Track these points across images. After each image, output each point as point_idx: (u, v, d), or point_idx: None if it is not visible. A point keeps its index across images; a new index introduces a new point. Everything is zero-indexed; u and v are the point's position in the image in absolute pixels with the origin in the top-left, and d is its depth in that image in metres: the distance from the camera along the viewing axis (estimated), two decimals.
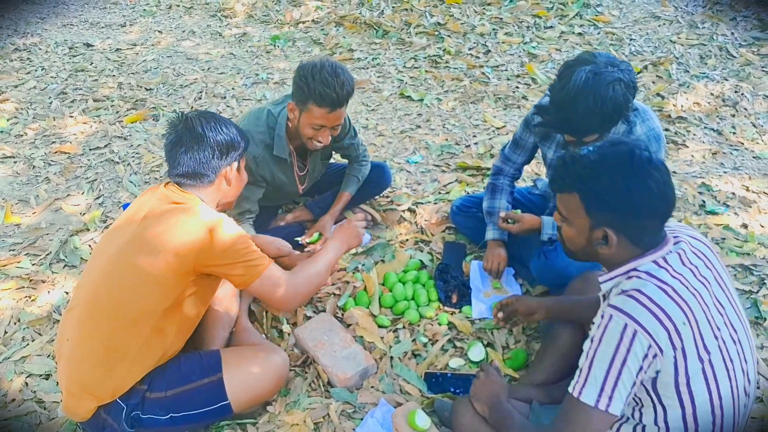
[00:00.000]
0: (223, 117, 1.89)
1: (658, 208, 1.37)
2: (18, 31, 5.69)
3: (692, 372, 1.32)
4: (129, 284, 1.69)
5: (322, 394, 2.04)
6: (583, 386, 1.34)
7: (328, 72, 2.13)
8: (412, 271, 2.53)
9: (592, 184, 1.39)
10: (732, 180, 3.01)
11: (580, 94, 1.79)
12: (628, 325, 1.29)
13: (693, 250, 1.44)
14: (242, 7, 5.87)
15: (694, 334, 1.32)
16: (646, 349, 1.29)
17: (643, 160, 1.35)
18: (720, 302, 1.41)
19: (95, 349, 1.69)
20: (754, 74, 3.96)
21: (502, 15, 5.06)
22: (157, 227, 1.70)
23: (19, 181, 3.39)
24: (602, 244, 1.42)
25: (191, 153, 1.77)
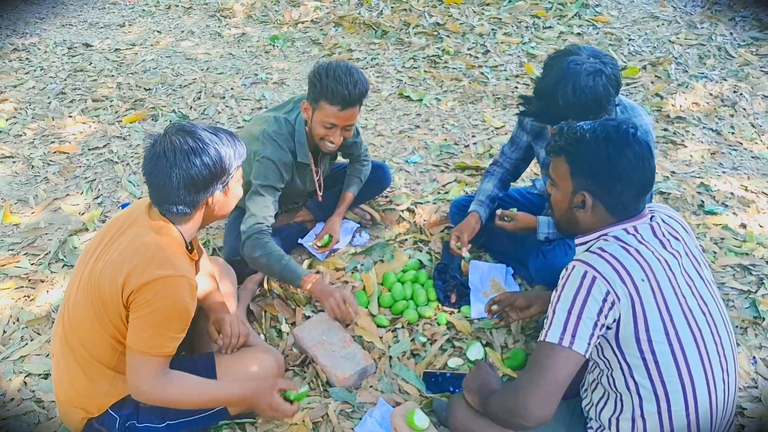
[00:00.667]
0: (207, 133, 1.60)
1: (633, 178, 1.46)
2: (17, 31, 5.69)
3: (653, 329, 1.39)
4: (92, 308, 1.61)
5: (321, 393, 2.04)
6: (548, 330, 1.42)
7: (342, 70, 2.16)
8: (411, 271, 2.53)
9: (578, 148, 1.51)
10: (731, 180, 3.01)
11: (559, 83, 1.82)
12: (588, 272, 1.41)
13: (667, 227, 1.54)
14: (241, 7, 5.87)
15: (654, 292, 1.41)
16: (605, 293, 1.38)
17: (627, 133, 1.47)
18: (689, 275, 1.49)
19: (75, 367, 1.67)
20: (752, 74, 3.97)
21: (500, 15, 5.06)
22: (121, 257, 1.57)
23: (18, 180, 3.39)
24: (580, 208, 1.53)
25: (165, 186, 1.57)
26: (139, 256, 1.55)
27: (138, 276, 1.52)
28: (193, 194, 1.59)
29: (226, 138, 1.64)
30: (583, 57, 1.83)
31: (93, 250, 1.70)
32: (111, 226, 1.72)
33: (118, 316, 1.59)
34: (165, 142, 1.57)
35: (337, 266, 2.60)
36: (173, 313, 1.57)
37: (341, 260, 2.63)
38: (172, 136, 1.57)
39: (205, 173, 1.57)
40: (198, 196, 1.61)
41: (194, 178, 1.56)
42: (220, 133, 1.64)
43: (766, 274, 2.43)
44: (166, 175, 1.55)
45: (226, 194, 1.69)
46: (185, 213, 1.63)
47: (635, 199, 1.50)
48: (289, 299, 2.42)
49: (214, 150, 1.58)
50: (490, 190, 2.47)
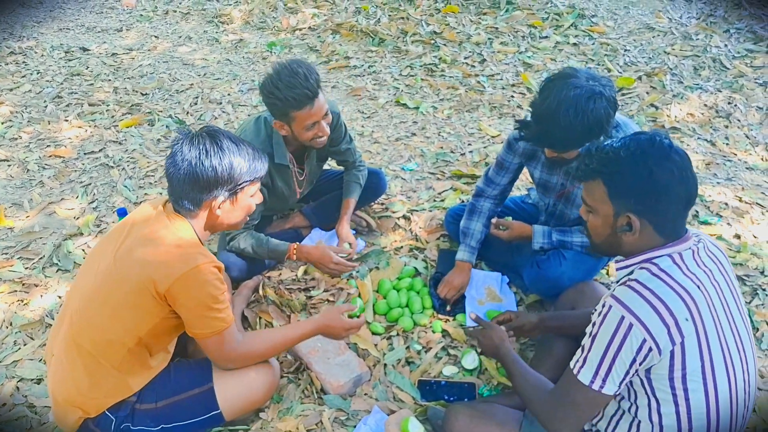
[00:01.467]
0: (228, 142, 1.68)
1: (680, 192, 1.37)
2: (14, 35, 5.68)
3: (690, 369, 1.34)
4: (111, 306, 1.64)
5: (315, 401, 2.03)
6: (582, 366, 1.39)
7: (286, 75, 2.10)
8: (407, 279, 2.53)
9: (615, 169, 1.40)
10: (725, 191, 3.03)
11: (560, 106, 1.80)
12: (625, 318, 1.32)
13: (708, 253, 1.45)
14: (239, 13, 5.89)
15: (697, 331, 1.33)
16: (641, 342, 1.31)
17: (663, 145, 1.38)
18: (729, 309, 1.42)
19: (78, 367, 1.67)
20: (747, 86, 4.00)
21: (497, 25, 5.09)
22: (144, 255, 1.63)
23: (13, 184, 3.38)
24: (626, 231, 1.43)
25: (175, 177, 1.66)
26: (161, 254, 1.62)
27: (167, 276, 1.59)
28: (196, 192, 1.66)
29: (247, 152, 1.71)
30: (582, 80, 1.82)
31: (109, 246, 1.72)
32: (126, 223, 1.76)
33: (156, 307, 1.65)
34: (187, 139, 1.67)
35: None
36: (212, 296, 1.64)
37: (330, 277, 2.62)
38: (196, 135, 1.68)
39: (210, 175, 1.64)
40: (201, 195, 1.67)
41: (199, 176, 1.63)
42: (243, 146, 1.71)
43: (760, 285, 2.44)
44: (177, 167, 1.64)
45: (233, 204, 1.74)
46: (190, 209, 1.70)
47: (683, 214, 1.42)
48: (283, 305, 2.41)
49: (227, 158, 1.65)
50: (480, 232, 2.45)
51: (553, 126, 1.83)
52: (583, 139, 1.86)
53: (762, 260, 2.56)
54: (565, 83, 1.82)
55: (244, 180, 1.70)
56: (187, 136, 1.68)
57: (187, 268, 1.59)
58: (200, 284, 1.61)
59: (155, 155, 3.59)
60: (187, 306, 1.64)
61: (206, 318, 1.65)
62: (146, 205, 1.79)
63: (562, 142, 1.90)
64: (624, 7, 5.29)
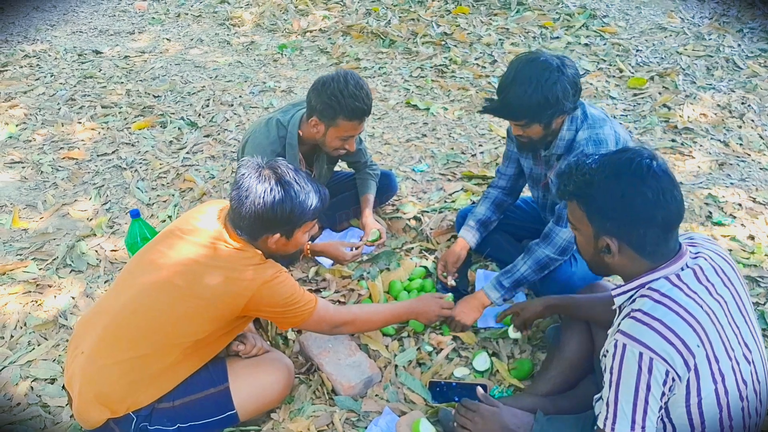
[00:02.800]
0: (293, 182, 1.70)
1: (655, 217, 1.33)
2: (28, 38, 5.74)
3: (705, 393, 1.31)
4: (170, 312, 1.68)
5: (327, 401, 2.03)
6: (614, 422, 1.32)
7: (353, 86, 2.19)
8: (417, 280, 2.52)
9: (589, 191, 1.38)
10: (739, 191, 3.00)
11: (517, 77, 1.90)
12: (643, 353, 1.27)
13: (713, 265, 1.41)
14: (250, 15, 5.91)
15: (708, 355, 1.30)
16: (665, 374, 1.27)
17: (641, 167, 1.32)
18: (735, 322, 1.39)
19: (117, 366, 1.68)
20: (761, 86, 3.96)
21: (508, 25, 5.08)
22: (212, 270, 1.68)
23: (27, 186, 3.41)
24: (606, 253, 1.41)
25: (237, 210, 1.70)
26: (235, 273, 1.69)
27: (243, 292, 1.68)
28: (256, 227, 1.71)
29: (310, 191, 1.73)
30: (543, 56, 1.92)
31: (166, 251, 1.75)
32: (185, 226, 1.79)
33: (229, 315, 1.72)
34: (254, 173, 1.68)
35: (343, 274, 2.60)
36: (289, 294, 1.76)
37: (348, 268, 2.63)
38: (262, 172, 1.69)
39: (271, 216, 1.68)
40: (259, 231, 1.73)
41: (261, 215, 1.68)
42: (306, 185, 1.73)
43: None
44: (239, 202, 1.68)
45: (288, 240, 1.79)
46: (249, 239, 1.76)
47: (664, 237, 1.36)
48: None
49: (290, 200, 1.68)
50: (482, 213, 2.46)
51: (510, 96, 1.91)
52: (538, 110, 1.92)
53: None
54: (525, 58, 1.93)
55: (303, 221, 1.75)
56: (254, 170, 1.69)
57: (260, 282, 1.68)
58: (275, 292, 1.72)
59: (167, 157, 3.61)
60: (273, 311, 1.77)
61: (293, 311, 1.78)
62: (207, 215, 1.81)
63: (516, 112, 1.96)
64: (636, 7, 5.26)
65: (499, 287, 2.19)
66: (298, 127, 2.37)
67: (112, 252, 2.82)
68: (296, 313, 1.79)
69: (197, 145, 3.73)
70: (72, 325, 2.40)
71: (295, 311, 1.78)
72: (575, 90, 1.93)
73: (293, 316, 1.80)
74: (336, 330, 1.94)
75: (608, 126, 2.04)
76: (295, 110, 2.41)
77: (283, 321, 1.83)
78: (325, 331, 1.93)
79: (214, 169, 3.45)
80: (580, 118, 2.06)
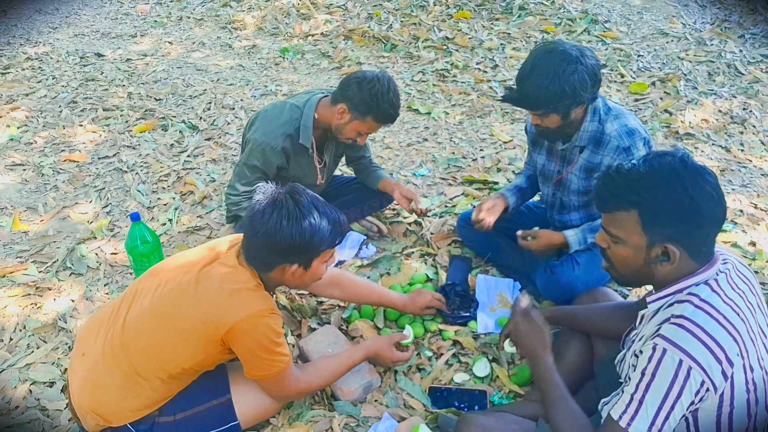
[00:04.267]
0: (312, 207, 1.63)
1: (718, 214, 1.32)
2: (30, 41, 5.76)
3: (737, 403, 1.29)
4: (169, 331, 1.67)
5: (326, 407, 2.02)
6: (633, 418, 1.30)
7: (394, 94, 2.30)
8: (418, 284, 2.52)
9: (650, 197, 1.31)
10: (740, 197, 3.00)
11: (536, 66, 1.92)
12: (683, 361, 1.25)
13: (738, 274, 1.40)
14: (252, 19, 5.92)
15: (744, 365, 1.28)
16: (700, 385, 1.25)
17: (696, 167, 1.31)
18: (763, 330, 1.37)
19: (114, 377, 1.68)
20: (762, 91, 3.96)
21: (510, 30, 5.08)
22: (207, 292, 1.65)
23: (28, 188, 3.41)
24: (663, 261, 1.35)
25: (251, 238, 1.65)
26: (224, 298, 1.63)
27: (227, 320, 1.61)
28: (272, 257, 1.65)
29: (329, 219, 1.66)
30: (563, 46, 1.93)
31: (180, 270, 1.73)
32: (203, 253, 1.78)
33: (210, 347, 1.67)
34: (270, 200, 1.63)
35: None
36: (270, 340, 1.65)
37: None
38: (280, 197, 1.62)
39: (289, 243, 1.60)
40: (275, 260, 1.66)
41: (278, 243, 1.60)
42: (325, 211, 1.66)
43: None
44: (254, 231, 1.62)
45: (306, 270, 1.71)
46: (261, 269, 1.70)
47: (715, 236, 1.35)
48: (294, 311, 2.41)
49: (308, 227, 1.60)
50: (519, 182, 2.53)
51: (528, 86, 1.93)
52: (556, 100, 1.93)
53: None
54: (546, 48, 1.95)
55: (321, 250, 1.67)
56: (270, 197, 1.64)
57: (247, 313, 1.61)
58: (259, 329, 1.63)
59: (168, 160, 3.61)
60: (246, 348, 1.65)
61: (264, 360, 1.67)
62: (221, 244, 1.80)
63: (534, 102, 1.97)
64: (637, 12, 5.26)
65: (583, 242, 2.23)
66: (315, 110, 2.41)
67: (112, 255, 2.82)
68: (267, 363, 1.68)
69: (198, 148, 3.73)
70: (71, 328, 2.39)
71: (268, 360, 1.68)
72: (594, 81, 1.95)
73: (262, 366, 1.69)
74: (287, 400, 1.91)
75: (633, 117, 2.10)
76: (310, 95, 2.47)
77: (251, 365, 1.70)
78: (279, 395, 1.82)
79: (215, 173, 3.44)
80: (603, 110, 2.08)
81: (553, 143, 2.24)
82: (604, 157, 2.10)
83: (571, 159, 2.20)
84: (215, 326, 1.62)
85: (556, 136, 2.15)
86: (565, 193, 2.29)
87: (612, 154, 2.07)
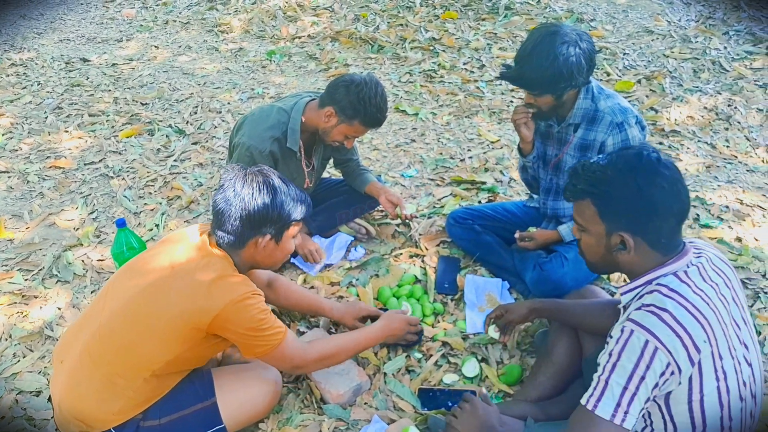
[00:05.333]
0: (279, 182, 1.73)
1: (672, 207, 1.36)
2: (15, 46, 5.71)
3: (707, 391, 1.31)
4: (141, 330, 1.66)
5: (315, 410, 2.02)
6: (599, 400, 1.32)
7: (381, 98, 2.30)
8: (406, 286, 2.51)
9: (603, 188, 1.40)
10: (726, 193, 3.01)
11: (536, 47, 1.98)
12: (649, 341, 1.28)
13: (713, 267, 1.43)
14: (238, 22, 5.91)
15: (713, 352, 1.31)
16: (665, 366, 1.28)
17: (651, 160, 1.36)
18: (737, 322, 1.40)
19: (93, 383, 1.67)
20: (746, 88, 3.99)
21: (496, 30, 5.10)
22: (184, 284, 1.66)
23: (13, 196, 3.38)
24: (621, 250, 1.42)
25: (225, 212, 1.68)
26: (203, 288, 1.64)
27: (210, 309, 1.62)
28: (246, 228, 1.69)
29: (296, 193, 1.75)
30: (565, 30, 1.99)
31: (145, 266, 1.74)
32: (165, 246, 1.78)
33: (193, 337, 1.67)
34: (240, 175, 1.70)
35: (332, 281, 2.59)
36: (258, 319, 1.67)
37: (336, 275, 2.62)
38: (248, 173, 1.71)
39: (263, 212, 1.67)
40: (249, 232, 1.70)
41: (251, 212, 1.66)
42: (292, 187, 1.76)
43: (762, 288, 2.42)
44: (228, 203, 1.67)
45: (277, 244, 1.76)
46: (234, 246, 1.72)
47: (677, 228, 1.40)
48: (283, 314, 2.40)
49: (279, 196, 1.70)
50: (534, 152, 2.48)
51: (526, 66, 2.01)
52: (552, 83, 2.01)
53: (764, 263, 2.54)
54: (545, 30, 2.01)
55: (290, 219, 1.74)
56: (240, 171, 1.71)
57: (228, 299, 1.62)
58: (244, 313, 1.65)
59: (155, 165, 3.59)
60: (237, 333, 1.67)
61: (258, 338, 1.69)
62: (188, 233, 1.80)
63: (531, 83, 2.06)
64: (622, 10, 5.29)
65: None
66: (302, 113, 2.40)
67: (98, 262, 2.80)
68: (262, 341, 1.69)
69: (185, 152, 3.71)
70: (58, 336, 2.37)
71: (262, 338, 1.69)
72: (590, 65, 2.03)
73: (258, 344, 1.70)
74: (299, 370, 1.89)
75: (622, 99, 2.18)
76: (298, 98, 2.46)
77: (247, 347, 1.72)
78: (287, 368, 1.86)
79: (202, 177, 3.43)
80: (595, 89, 2.16)
81: (548, 126, 2.30)
82: (598, 133, 2.17)
83: (567, 139, 2.26)
84: (198, 317, 1.62)
85: (547, 117, 2.22)
86: (561, 176, 2.33)
87: (606, 129, 2.14)
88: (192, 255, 1.71)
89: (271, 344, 1.71)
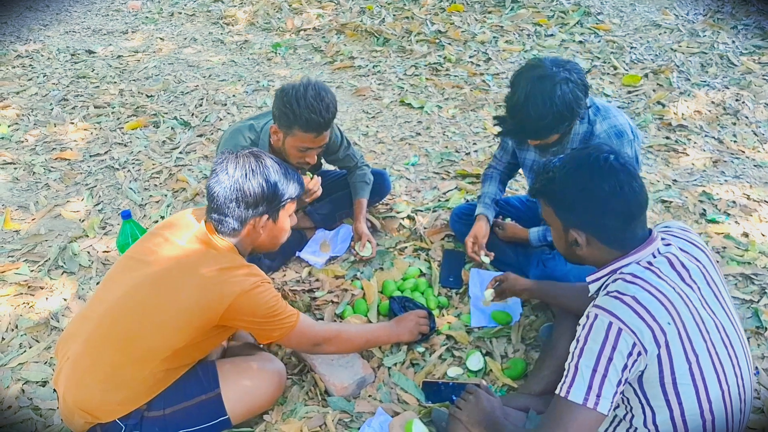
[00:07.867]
0: (271, 161, 1.75)
1: (614, 207, 1.41)
2: (21, 38, 5.72)
3: (679, 373, 1.34)
4: (147, 321, 1.66)
5: (319, 402, 2.02)
6: (570, 386, 1.35)
7: (312, 96, 2.11)
8: (411, 279, 2.51)
9: (553, 187, 1.48)
10: (733, 188, 3.00)
11: (529, 98, 1.87)
12: (613, 323, 1.31)
13: (686, 253, 1.47)
14: (244, 14, 5.90)
15: (680, 334, 1.33)
16: (631, 347, 1.31)
17: (599, 161, 1.41)
18: (710, 306, 1.42)
19: (97, 373, 1.67)
20: (755, 82, 3.96)
21: (502, 23, 5.07)
22: (191, 278, 1.66)
23: (19, 187, 3.39)
24: (575, 245, 1.49)
25: (221, 195, 1.69)
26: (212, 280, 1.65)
27: (220, 302, 1.64)
28: (242, 209, 1.70)
29: (287, 171, 1.78)
30: (547, 69, 1.88)
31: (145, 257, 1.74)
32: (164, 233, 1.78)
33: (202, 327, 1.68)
34: (232, 157, 1.71)
35: (336, 274, 2.59)
36: (270, 306, 1.70)
37: (341, 268, 2.62)
38: (240, 155, 1.72)
39: (257, 191, 1.69)
40: (246, 213, 1.71)
41: (246, 192, 1.68)
42: (283, 165, 1.78)
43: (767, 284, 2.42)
44: (222, 185, 1.68)
45: (275, 223, 1.79)
46: (234, 228, 1.73)
47: (625, 227, 1.43)
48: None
49: (272, 175, 1.72)
50: (493, 193, 2.53)
51: (525, 118, 1.91)
52: (556, 124, 1.93)
53: None
54: (530, 75, 1.90)
55: (285, 197, 1.76)
56: (231, 155, 1.72)
57: (239, 290, 1.64)
58: (256, 302, 1.68)
59: (160, 157, 3.59)
60: (252, 322, 1.71)
61: (272, 324, 1.73)
62: (187, 218, 1.81)
63: (537, 132, 1.97)
64: (630, 4, 5.26)
65: (542, 239, 2.35)
66: (269, 135, 2.32)
67: (104, 253, 2.81)
68: (276, 326, 1.73)
69: (190, 144, 3.72)
70: (64, 327, 2.38)
71: (276, 323, 1.73)
72: (585, 93, 1.95)
73: (273, 329, 1.74)
74: (317, 348, 1.90)
75: (620, 114, 2.11)
76: (268, 118, 2.36)
77: (262, 334, 1.76)
78: (306, 348, 1.92)
79: (207, 169, 3.43)
80: (591, 112, 2.10)
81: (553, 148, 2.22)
82: None
83: None
84: (208, 311, 1.64)
85: (553, 147, 2.13)
86: None
87: None
88: (195, 246, 1.71)
89: (287, 327, 1.75)
